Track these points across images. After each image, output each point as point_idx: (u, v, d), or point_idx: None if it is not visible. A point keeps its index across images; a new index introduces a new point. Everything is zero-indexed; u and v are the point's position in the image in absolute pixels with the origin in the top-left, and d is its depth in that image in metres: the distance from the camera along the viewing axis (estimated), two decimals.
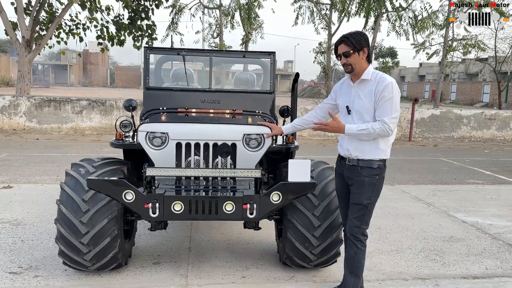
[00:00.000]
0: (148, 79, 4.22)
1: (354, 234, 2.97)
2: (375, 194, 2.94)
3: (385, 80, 2.80)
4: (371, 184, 2.90)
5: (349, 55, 2.85)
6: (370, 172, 2.90)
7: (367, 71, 2.88)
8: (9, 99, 12.32)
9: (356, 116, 2.90)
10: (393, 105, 2.78)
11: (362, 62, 2.87)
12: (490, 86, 42.08)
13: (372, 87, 2.83)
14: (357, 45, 2.83)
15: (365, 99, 2.86)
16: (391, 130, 2.80)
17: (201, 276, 3.50)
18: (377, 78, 2.84)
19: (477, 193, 6.93)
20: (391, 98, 2.77)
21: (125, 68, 73.60)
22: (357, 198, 2.93)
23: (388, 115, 2.77)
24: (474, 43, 23.39)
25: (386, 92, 2.76)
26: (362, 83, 2.90)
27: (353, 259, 3.00)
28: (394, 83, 2.81)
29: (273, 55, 4.40)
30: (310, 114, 3.30)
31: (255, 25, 25.90)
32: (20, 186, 6.23)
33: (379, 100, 2.79)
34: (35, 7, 13.76)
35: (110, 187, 2.97)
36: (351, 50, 2.84)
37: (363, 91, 2.88)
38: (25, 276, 3.39)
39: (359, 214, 2.94)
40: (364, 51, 2.85)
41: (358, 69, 2.88)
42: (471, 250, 4.33)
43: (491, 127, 14.86)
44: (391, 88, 2.78)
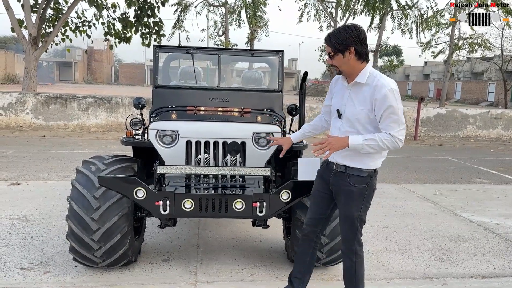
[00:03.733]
0: (157, 77, 4.24)
1: (349, 246, 2.71)
2: (365, 204, 2.66)
3: (383, 87, 2.42)
4: (360, 194, 2.60)
5: (332, 57, 2.52)
6: (359, 181, 2.59)
7: (362, 73, 2.51)
8: (16, 96, 12.40)
9: (347, 123, 2.58)
10: (399, 116, 2.45)
11: (350, 64, 2.49)
12: (496, 85, 41.89)
13: (368, 93, 2.47)
14: (339, 45, 2.45)
15: (359, 106, 2.51)
16: (402, 142, 2.48)
17: (210, 273, 3.52)
18: (374, 83, 2.46)
19: (483, 192, 6.91)
20: (395, 109, 2.42)
21: (130, 66, 73.71)
22: (346, 210, 2.64)
23: (395, 128, 2.45)
24: (480, 42, 23.30)
25: (387, 102, 2.41)
26: (356, 86, 2.54)
27: (350, 270, 2.75)
28: (394, 90, 2.44)
29: (282, 53, 4.41)
30: (318, 119, 3.03)
31: (261, 23, 25.89)
32: (28, 183, 6.28)
33: (380, 110, 2.44)
34: (41, 4, 13.82)
35: (121, 185, 2.99)
36: (332, 52, 2.50)
37: (357, 96, 2.53)
38: (36, 272, 3.42)
39: (351, 226, 2.66)
40: (351, 50, 2.44)
41: (346, 71, 2.54)
42: (479, 250, 4.33)
43: (497, 126, 14.80)
44: (393, 96, 2.42)
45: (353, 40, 2.44)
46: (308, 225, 2.90)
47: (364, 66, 2.52)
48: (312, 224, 2.88)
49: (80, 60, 66.49)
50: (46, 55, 51.14)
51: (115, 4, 14.79)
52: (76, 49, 58.83)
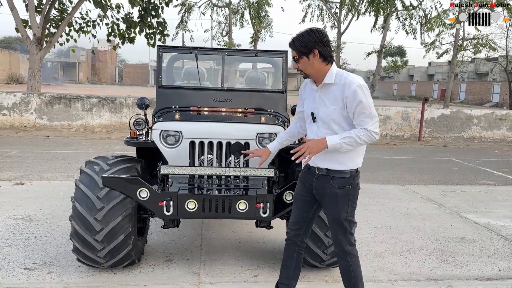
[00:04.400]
0: (161, 77, 4.24)
1: (341, 248, 2.70)
2: (351, 205, 2.66)
3: (352, 84, 2.46)
4: (345, 196, 2.61)
5: (297, 61, 2.55)
6: (342, 182, 2.59)
7: (329, 73, 2.54)
8: (20, 96, 12.44)
9: (322, 125, 2.60)
10: (370, 110, 2.49)
11: (315, 66, 2.52)
12: (500, 86, 41.71)
13: (338, 92, 2.51)
14: (303, 48, 2.48)
15: (331, 106, 2.54)
16: (377, 134, 2.53)
17: (213, 274, 3.51)
18: (342, 82, 2.50)
19: (488, 194, 6.88)
20: (365, 103, 2.47)
21: (133, 66, 73.89)
22: (333, 213, 2.65)
23: (369, 122, 2.49)
24: (485, 43, 23.20)
25: (358, 98, 2.44)
26: (325, 88, 2.57)
27: (347, 271, 2.75)
28: (362, 85, 2.49)
29: (286, 54, 4.40)
30: (293, 125, 3.00)
31: (264, 24, 25.88)
32: (32, 183, 6.29)
33: (352, 107, 2.48)
34: (46, 5, 13.86)
35: (125, 185, 2.99)
36: (296, 56, 2.53)
37: (327, 96, 2.56)
38: (40, 272, 3.43)
39: (341, 228, 2.66)
40: (315, 53, 2.48)
41: (312, 74, 2.57)
42: (484, 252, 4.30)
43: (502, 127, 14.72)
44: (361, 91, 2.46)
45: (317, 42, 2.48)
46: (291, 229, 2.89)
47: (330, 67, 2.56)
48: (295, 228, 2.87)
49: (84, 61, 66.73)
50: (50, 55, 51.46)
51: (119, 4, 14.82)
52: (80, 49, 59.02)
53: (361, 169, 2.77)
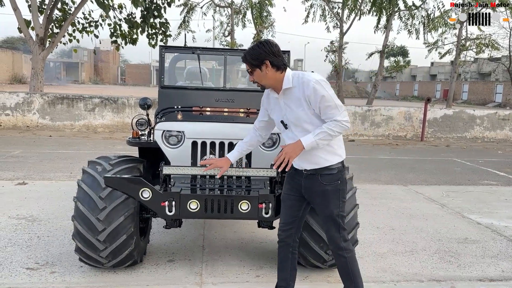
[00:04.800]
0: (163, 77, 4.24)
1: (337, 245, 2.73)
2: (342, 200, 2.70)
3: (309, 82, 2.51)
4: (335, 191, 2.66)
5: (251, 73, 2.62)
6: (331, 178, 2.64)
7: (285, 79, 2.59)
8: (23, 96, 12.47)
9: (296, 129, 2.64)
10: (334, 101, 2.52)
11: (270, 76, 2.58)
12: (503, 86, 41.59)
13: (299, 94, 2.55)
14: (254, 61, 2.55)
15: (297, 108, 2.58)
16: (348, 122, 2.56)
17: (216, 275, 3.51)
18: (300, 82, 2.56)
19: (491, 194, 6.85)
20: (327, 96, 2.50)
21: (136, 66, 74.04)
22: (325, 210, 2.68)
23: (337, 113, 2.52)
24: (488, 43, 23.13)
25: (319, 94, 2.49)
26: (286, 93, 2.62)
27: (345, 268, 2.77)
28: (320, 80, 2.52)
29: (288, 54, 4.38)
30: (252, 134, 2.97)
31: (267, 24, 25.86)
32: (34, 183, 6.30)
33: (316, 103, 2.51)
34: (48, 5, 13.90)
35: (127, 185, 2.99)
36: (249, 69, 2.61)
37: (291, 100, 2.61)
38: (42, 272, 3.43)
39: (334, 225, 2.70)
40: (266, 64, 2.54)
41: (268, 84, 2.63)
42: (487, 252, 4.28)
43: (505, 128, 14.68)
44: (320, 86, 2.49)
45: (267, 54, 2.54)
46: (283, 230, 2.90)
47: (284, 74, 2.61)
48: (286, 229, 2.89)
49: (87, 61, 66.87)
50: (53, 56, 51.60)
51: (122, 5, 14.85)
52: (82, 49, 59.16)
53: (363, 169, 2.77)
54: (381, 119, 13.98)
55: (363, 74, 74.35)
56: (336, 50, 24.71)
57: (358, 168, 8.13)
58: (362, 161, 9.30)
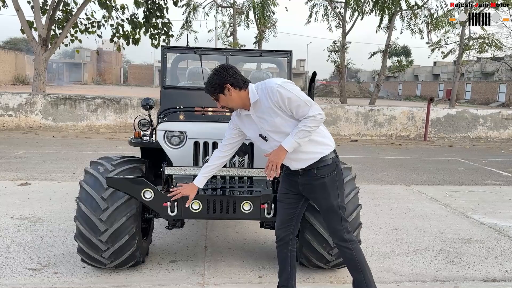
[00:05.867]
0: (165, 78, 4.24)
1: (341, 237, 2.75)
2: (341, 191, 2.74)
3: (272, 89, 2.55)
4: (333, 182, 2.70)
5: (217, 99, 2.70)
6: (327, 170, 2.68)
7: (250, 93, 2.64)
8: (26, 97, 12.51)
9: (276, 137, 2.66)
10: (301, 99, 2.54)
11: (234, 97, 2.64)
12: (506, 85, 41.47)
13: (268, 103, 2.58)
14: (215, 89, 2.64)
15: (271, 117, 2.61)
16: (322, 114, 2.58)
17: (218, 275, 3.50)
18: (264, 92, 2.60)
19: (494, 194, 6.82)
20: (293, 97, 2.53)
21: (138, 67, 74.18)
22: (326, 203, 2.71)
23: (307, 110, 2.55)
24: (491, 42, 23.06)
25: (285, 96, 2.52)
26: (256, 107, 2.66)
27: (351, 260, 2.78)
28: (282, 82, 2.57)
29: (290, 54, 4.39)
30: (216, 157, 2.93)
31: (269, 24, 25.86)
32: (37, 183, 6.31)
33: (286, 106, 2.55)
34: (51, 6, 13.93)
35: (129, 185, 2.98)
36: (212, 97, 2.70)
37: (263, 112, 2.64)
38: (44, 272, 3.43)
39: (336, 217, 2.72)
40: (227, 87, 2.61)
41: (236, 104, 2.68)
42: (490, 252, 4.26)
43: (508, 127, 14.62)
44: (284, 89, 2.53)
45: (224, 78, 2.62)
46: (280, 229, 2.91)
47: (247, 90, 2.66)
48: (284, 227, 2.90)
49: (89, 61, 67.02)
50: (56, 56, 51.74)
51: (124, 5, 14.87)
52: (85, 50, 59.28)
53: (366, 169, 2.77)
54: (384, 119, 13.95)
55: (365, 74, 74.30)
56: (338, 50, 24.71)
57: (360, 168, 8.11)
58: (364, 161, 9.26)
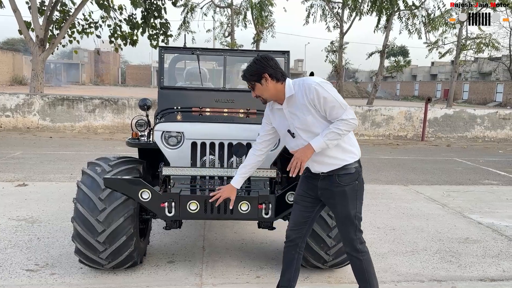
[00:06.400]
0: (163, 78, 4.24)
1: (353, 246, 2.74)
2: (360, 201, 2.71)
3: (310, 86, 2.54)
4: (353, 191, 2.66)
5: (252, 89, 2.69)
6: (349, 179, 2.65)
7: (287, 87, 2.64)
8: (23, 98, 12.47)
9: (305, 135, 2.65)
10: (338, 101, 2.54)
11: (270, 88, 2.64)
12: (504, 85, 41.55)
13: (303, 100, 2.58)
14: (253, 77, 2.63)
15: (303, 114, 2.60)
16: (355, 119, 2.58)
17: (216, 276, 3.50)
18: (301, 88, 2.59)
19: (492, 194, 6.84)
20: (331, 97, 2.52)
21: (136, 67, 73.99)
22: (343, 211, 2.67)
23: (342, 112, 2.54)
24: (488, 42, 23.11)
25: (321, 95, 2.51)
26: (290, 101, 2.65)
27: (360, 269, 2.78)
28: (320, 81, 2.57)
29: (287, 54, 4.39)
30: (251, 157, 2.94)
31: (267, 24, 25.87)
32: (35, 184, 6.30)
33: (321, 106, 2.54)
34: (48, 6, 13.90)
35: (126, 186, 2.98)
36: (249, 85, 2.69)
37: (296, 107, 2.63)
38: (42, 273, 3.43)
39: (351, 226, 2.69)
40: (265, 77, 2.61)
41: (270, 96, 2.68)
42: (488, 252, 4.27)
43: (506, 127, 14.66)
44: (321, 88, 2.52)
45: (264, 68, 2.62)
46: (293, 230, 2.89)
47: (284, 84, 2.66)
48: (297, 229, 2.88)
49: (87, 62, 66.86)
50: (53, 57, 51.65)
51: (122, 6, 14.85)
52: (83, 50, 59.16)
53: (364, 169, 2.77)
54: (382, 119, 13.97)
55: (363, 74, 74.33)
56: (336, 50, 24.73)
57: None
58: (362, 161, 9.10)
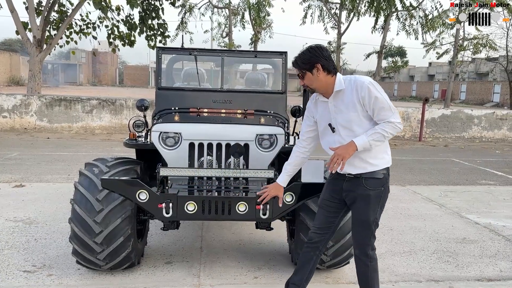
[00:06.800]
0: (160, 79, 4.23)
1: (364, 251, 2.73)
2: (381, 208, 2.69)
3: (363, 84, 2.53)
4: (377, 197, 2.64)
5: (302, 77, 2.63)
6: (375, 184, 2.62)
7: (337, 82, 2.60)
8: (20, 98, 12.44)
9: (344, 132, 2.62)
10: (387, 103, 2.54)
11: (320, 79, 2.59)
12: (501, 86, 41.66)
13: (352, 96, 2.55)
14: (305, 65, 2.58)
15: (349, 111, 2.57)
16: (401, 124, 2.57)
17: (214, 276, 3.50)
18: (352, 85, 2.57)
19: (489, 194, 6.86)
20: (381, 98, 2.52)
21: (134, 67, 73.86)
22: (363, 215, 2.66)
23: (390, 115, 2.53)
24: (485, 43, 23.18)
25: (373, 95, 2.50)
26: (338, 95, 2.62)
27: (365, 275, 2.77)
28: (373, 82, 2.56)
29: (285, 55, 4.39)
30: (296, 154, 2.92)
31: (265, 25, 25.89)
32: (32, 185, 6.28)
33: (370, 105, 2.52)
34: (46, 7, 13.87)
35: (124, 187, 2.98)
36: (300, 73, 2.63)
37: (342, 103, 2.60)
38: (39, 274, 3.42)
39: (367, 231, 2.68)
40: (317, 67, 2.56)
41: (319, 87, 2.63)
42: (485, 252, 4.28)
43: (503, 127, 14.70)
44: (374, 88, 2.52)
45: (318, 58, 2.57)
46: (315, 233, 2.87)
47: (335, 78, 2.62)
48: (320, 233, 2.86)
49: (85, 62, 66.71)
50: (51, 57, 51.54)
51: (120, 6, 14.83)
52: (80, 51, 59.03)
53: None
54: None
55: (361, 75, 74.37)
56: (334, 51, 24.76)
57: None
58: None
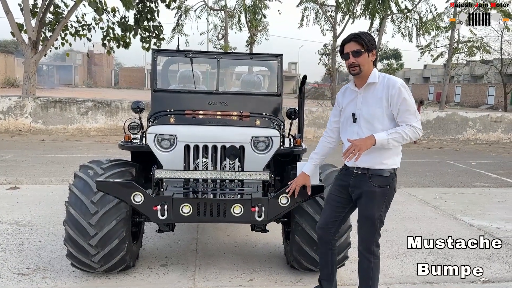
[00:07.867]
0: (156, 81, 4.23)
1: (368, 247, 2.76)
2: (386, 205, 2.73)
3: (395, 83, 2.60)
4: (382, 195, 2.68)
5: (359, 55, 2.61)
6: (381, 181, 2.67)
7: (372, 74, 2.67)
8: (15, 100, 12.39)
9: (365, 125, 2.67)
10: (414, 107, 2.62)
11: (370, 65, 2.66)
12: (495, 88, 41.89)
13: (382, 93, 2.62)
14: (369, 45, 2.62)
15: (375, 105, 2.64)
16: (421, 131, 2.64)
17: (209, 279, 3.49)
18: (385, 82, 2.64)
19: (483, 196, 6.89)
20: (409, 101, 2.59)
21: (130, 69, 73.67)
22: (368, 211, 2.70)
23: (413, 119, 2.60)
24: (479, 45, 23.30)
25: (402, 96, 2.57)
26: (369, 88, 2.68)
27: (367, 271, 2.80)
28: (405, 84, 2.64)
29: (281, 57, 4.40)
30: (322, 145, 2.98)
31: (261, 27, 25.91)
32: (26, 187, 6.25)
33: (397, 105, 2.58)
34: (41, 8, 13.84)
35: (119, 189, 2.97)
36: (362, 49, 2.61)
37: (371, 96, 2.67)
38: (33, 277, 3.40)
39: (371, 227, 2.72)
40: (373, 53, 2.64)
41: (365, 71, 2.65)
42: (479, 254, 4.30)
43: (497, 130, 14.79)
44: (405, 90, 2.59)
45: (375, 44, 2.69)
46: (321, 228, 2.94)
47: (374, 69, 2.72)
48: (325, 227, 2.92)
49: (80, 64, 66.51)
50: (46, 59, 51.36)
51: (115, 8, 14.81)
52: (76, 53, 58.87)
53: None
54: None
55: None
56: (329, 53, 24.82)
57: None
58: None
